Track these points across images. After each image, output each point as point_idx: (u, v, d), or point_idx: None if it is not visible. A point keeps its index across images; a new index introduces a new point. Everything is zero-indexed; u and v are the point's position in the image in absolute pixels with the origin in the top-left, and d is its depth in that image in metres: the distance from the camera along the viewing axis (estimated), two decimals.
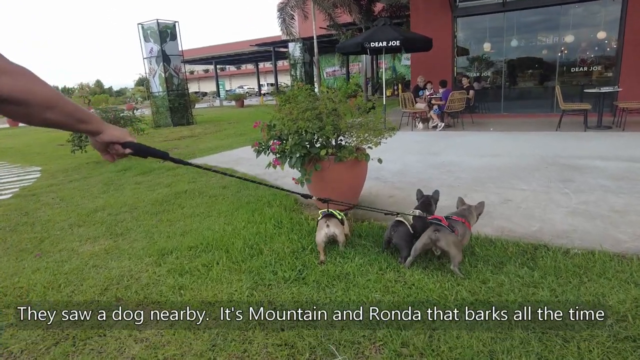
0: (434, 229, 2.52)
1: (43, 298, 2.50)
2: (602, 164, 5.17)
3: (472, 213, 2.87)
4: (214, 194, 4.90)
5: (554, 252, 2.78)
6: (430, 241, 2.51)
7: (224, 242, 3.18)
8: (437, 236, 2.48)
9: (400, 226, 2.76)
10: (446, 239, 2.47)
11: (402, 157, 6.18)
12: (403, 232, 2.73)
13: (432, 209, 3.08)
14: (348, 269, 2.61)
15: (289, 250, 2.94)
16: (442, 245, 2.48)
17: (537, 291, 2.27)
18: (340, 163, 3.65)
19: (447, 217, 2.67)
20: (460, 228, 2.60)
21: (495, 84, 11.98)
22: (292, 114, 3.65)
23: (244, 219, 3.75)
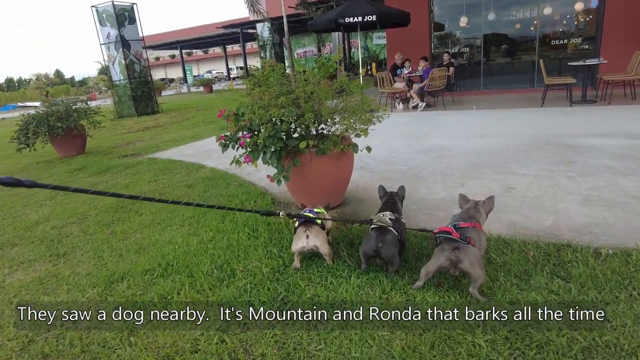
0: (452, 247, 1.98)
1: None
2: (599, 142, 4.82)
3: (480, 211, 2.36)
4: (178, 195, 4.28)
5: (582, 254, 2.35)
6: (450, 263, 1.97)
7: (187, 261, 2.60)
8: (458, 257, 1.94)
9: (387, 234, 2.21)
10: (469, 259, 1.95)
11: (387, 142, 5.67)
12: (392, 241, 2.20)
13: (399, 208, 2.56)
14: (343, 293, 2.09)
15: (268, 269, 2.39)
16: (465, 267, 1.95)
17: (582, 313, 1.82)
18: (324, 156, 3.10)
19: (454, 225, 2.15)
20: (474, 235, 2.09)
21: (473, 60, 11.57)
22: (263, 99, 3.05)
23: (212, 227, 3.16)
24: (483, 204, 2.40)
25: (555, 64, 10.19)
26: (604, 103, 7.50)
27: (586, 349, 1.60)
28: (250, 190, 4.10)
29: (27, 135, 7.01)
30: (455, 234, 2.04)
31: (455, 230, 2.07)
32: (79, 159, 7.09)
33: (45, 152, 7.81)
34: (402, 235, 2.32)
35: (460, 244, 1.99)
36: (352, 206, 3.52)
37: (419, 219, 3.08)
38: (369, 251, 2.20)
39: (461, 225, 2.14)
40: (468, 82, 11.27)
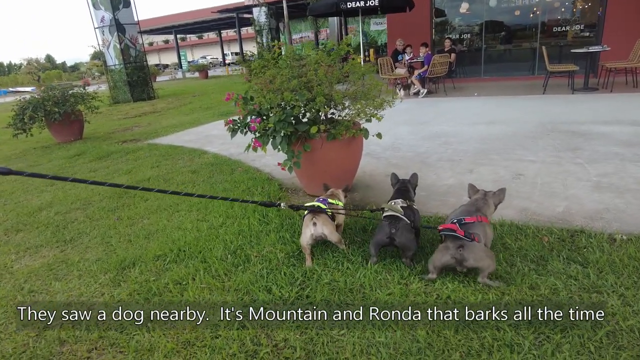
0: (457, 245, 1.95)
1: None
2: (606, 129, 4.81)
3: (489, 202, 2.29)
4: (183, 180, 4.23)
5: (597, 240, 2.34)
6: (455, 261, 1.95)
7: (199, 247, 2.57)
8: (462, 256, 1.93)
9: (400, 220, 2.17)
10: (474, 255, 1.93)
11: (391, 128, 5.62)
12: (406, 227, 2.16)
13: (412, 196, 2.51)
14: (361, 278, 2.08)
15: (283, 255, 2.37)
16: (471, 264, 1.94)
17: (603, 298, 1.82)
18: (334, 141, 3.06)
19: (459, 220, 2.09)
20: (479, 230, 2.04)
21: (473, 46, 11.48)
22: (274, 82, 2.99)
23: (221, 213, 3.13)
24: (493, 195, 2.34)
25: (556, 51, 10.14)
26: (606, 91, 7.48)
27: (610, 333, 1.60)
28: (256, 177, 4.06)
29: (24, 121, 6.87)
30: (460, 232, 1.99)
31: (459, 227, 2.03)
32: (77, 145, 6.98)
33: (42, 137, 7.69)
34: (415, 222, 2.29)
35: (464, 242, 1.96)
36: (360, 192, 3.49)
37: (430, 206, 3.06)
38: (382, 239, 2.15)
39: (466, 220, 2.08)
40: (468, 69, 11.20)
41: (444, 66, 8.84)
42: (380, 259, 2.24)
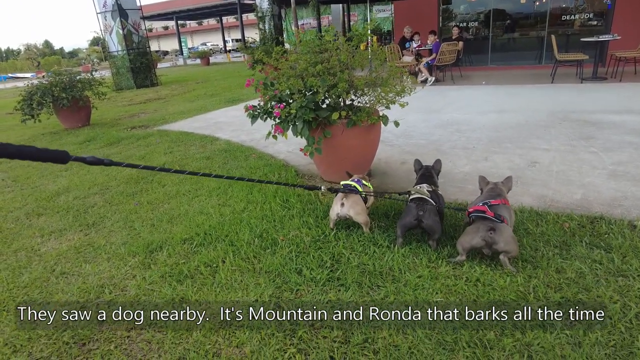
0: (487, 228, 1.99)
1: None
2: (617, 119, 4.83)
3: (503, 190, 2.36)
4: (198, 166, 4.25)
5: (617, 226, 2.39)
6: (485, 244, 1.99)
7: (225, 230, 2.61)
8: (493, 239, 1.96)
9: (427, 203, 2.22)
10: (505, 239, 1.97)
11: (402, 116, 5.59)
12: (432, 210, 2.20)
13: (435, 181, 2.57)
14: (390, 262, 2.12)
15: (309, 239, 2.41)
16: (500, 247, 1.98)
17: (629, 282, 1.87)
18: (354, 128, 3.08)
19: (486, 203, 2.14)
20: (505, 213, 2.11)
21: (480, 35, 11.40)
22: (296, 68, 3.00)
23: (242, 198, 3.16)
24: (502, 184, 2.41)
25: (563, 40, 10.08)
26: (615, 80, 7.47)
27: (639, 314, 1.65)
28: (271, 163, 4.09)
29: (32, 106, 6.86)
30: (490, 213, 2.04)
31: (489, 209, 2.07)
32: (85, 131, 6.98)
33: (49, 123, 7.68)
34: (440, 206, 2.33)
35: (495, 224, 2.00)
36: (377, 179, 3.52)
37: (448, 192, 3.09)
38: (410, 221, 2.19)
39: (492, 203, 2.14)
40: (475, 57, 11.14)
41: (452, 54, 8.81)
42: (405, 243, 2.29)
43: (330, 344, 1.61)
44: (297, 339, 1.65)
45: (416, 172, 2.69)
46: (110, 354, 1.69)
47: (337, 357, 1.56)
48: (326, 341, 1.62)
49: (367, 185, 2.56)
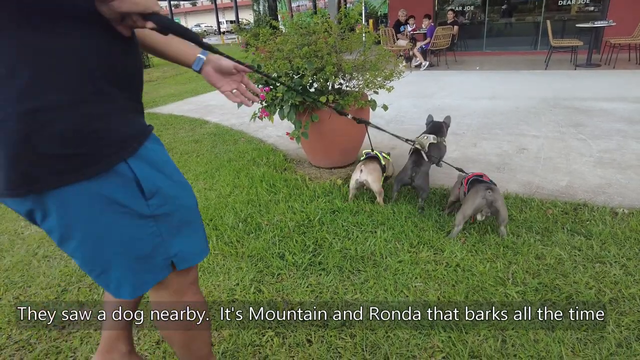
0: (485, 187, 2.14)
1: None
2: (608, 106, 4.82)
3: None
4: (186, 150, 4.21)
5: (599, 213, 2.41)
6: (486, 202, 2.10)
7: (210, 215, 2.60)
8: (493, 196, 2.11)
9: (421, 164, 2.52)
10: (501, 199, 2.14)
11: (394, 101, 5.55)
12: (425, 172, 2.53)
13: (443, 132, 2.89)
14: (372, 247, 2.13)
15: (293, 224, 2.41)
16: (498, 205, 2.11)
17: (606, 268, 1.89)
18: None
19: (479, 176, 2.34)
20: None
21: (475, 19, 11.27)
22: (282, 50, 2.95)
23: (229, 183, 3.15)
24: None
25: (559, 25, 9.99)
26: (609, 67, 7.45)
27: (613, 300, 1.68)
28: (260, 147, 4.06)
29: None
30: (487, 177, 2.28)
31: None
32: None
33: None
34: (441, 157, 2.74)
35: (491, 185, 2.21)
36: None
37: (435, 178, 3.09)
38: (404, 179, 2.52)
39: (476, 174, 2.37)
40: (470, 42, 11.03)
41: (447, 39, 8.71)
42: (390, 229, 2.30)
43: (307, 328, 1.63)
44: (275, 323, 1.66)
45: (427, 125, 3.00)
46: (89, 337, 1.69)
47: (315, 341, 1.57)
48: (304, 324, 1.64)
49: (386, 157, 2.79)
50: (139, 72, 0.95)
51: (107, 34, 0.84)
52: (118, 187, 0.87)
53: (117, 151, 0.86)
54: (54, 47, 0.77)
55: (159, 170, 0.93)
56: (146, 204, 0.91)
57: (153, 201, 0.91)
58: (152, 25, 0.86)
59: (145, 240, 0.93)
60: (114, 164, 0.85)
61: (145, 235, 0.93)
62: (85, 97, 0.81)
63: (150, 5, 0.84)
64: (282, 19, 4.38)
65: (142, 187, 0.89)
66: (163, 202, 0.93)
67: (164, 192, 0.93)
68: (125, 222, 0.90)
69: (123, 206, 0.88)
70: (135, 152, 0.89)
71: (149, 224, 0.93)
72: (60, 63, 0.77)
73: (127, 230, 0.91)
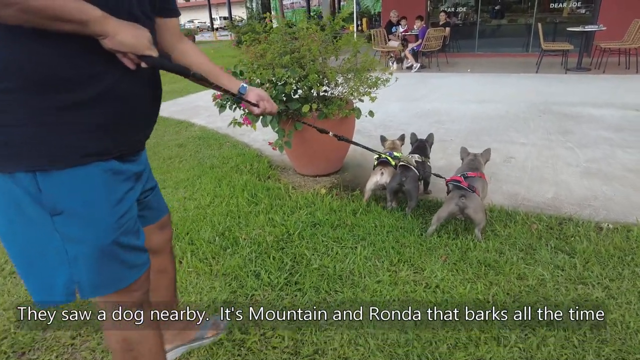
0: (459, 194, 2.23)
1: None
2: (597, 112, 4.80)
3: (481, 162, 2.66)
4: (169, 155, 4.12)
5: (584, 228, 2.37)
6: (458, 209, 2.22)
7: (187, 227, 2.52)
8: (464, 203, 2.20)
9: (409, 171, 2.56)
10: (474, 205, 2.21)
11: (383, 104, 5.45)
12: (414, 177, 2.57)
13: (428, 153, 2.94)
14: (351, 265, 2.07)
15: (272, 238, 2.34)
16: (469, 213, 2.21)
17: (588, 290, 1.85)
18: (326, 120, 2.98)
19: (463, 175, 2.40)
20: (479, 184, 2.38)
21: (468, 21, 11.24)
22: (265, 57, 2.87)
23: (209, 191, 3.07)
24: (481, 155, 2.71)
25: (551, 28, 9.99)
26: (599, 71, 7.45)
27: (594, 326, 1.63)
28: (245, 152, 3.98)
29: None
30: (464, 183, 2.29)
31: (464, 180, 2.33)
32: None
33: None
34: (426, 176, 2.81)
35: (466, 192, 2.24)
36: (351, 172, 3.46)
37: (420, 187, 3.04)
38: (394, 185, 2.55)
39: (469, 174, 2.40)
40: (462, 43, 11.00)
41: (439, 40, 8.67)
42: (370, 245, 2.24)
43: (279, 355, 1.56)
44: (245, 350, 1.59)
45: (412, 144, 3.02)
46: (87, 336, 1.63)
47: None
48: (275, 352, 1.57)
49: (397, 157, 2.73)
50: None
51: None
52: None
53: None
54: None
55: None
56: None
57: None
58: (145, 66, 0.98)
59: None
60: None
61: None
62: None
63: (140, 49, 0.94)
64: (274, 18, 4.28)
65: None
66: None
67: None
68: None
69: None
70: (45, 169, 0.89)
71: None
72: None
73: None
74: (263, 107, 1.40)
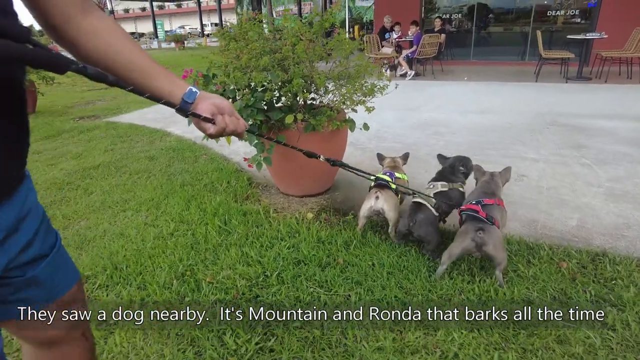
0: (476, 227, 1.83)
1: None
2: (608, 125, 4.44)
3: (498, 183, 2.20)
4: (138, 168, 3.64)
5: (624, 267, 1.96)
6: (474, 245, 1.81)
7: (140, 265, 2.04)
8: (482, 239, 1.80)
9: (420, 211, 2.09)
10: (494, 241, 1.81)
11: (377, 113, 5.05)
12: (426, 219, 2.07)
13: (453, 179, 2.36)
14: (343, 322, 1.61)
15: (244, 282, 1.87)
16: (489, 250, 1.80)
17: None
18: (314, 133, 2.54)
19: (478, 202, 1.98)
20: (497, 213, 1.95)
21: (463, 28, 10.95)
22: (241, 58, 2.42)
23: (175, 216, 2.59)
24: (499, 175, 2.25)
25: (547, 36, 9.73)
26: (600, 81, 7.14)
27: None
28: (222, 167, 3.51)
29: None
30: (482, 213, 1.89)
31: (481, 209, 1.92)
32: None
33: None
34: (454, 206, 2.24)
35: (485, 225, 1.84)
36: (342, 192, 3.01)
37: None
38: (402, 229, 2.13)
39: (485, 202, 1.98)
40: (457, 51, 10.71)
41: (434, 47, 8.32)
42: (367, 292, 1.78)
43: None
44: None
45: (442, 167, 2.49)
46: None
47: None
48: None
49: (400, 178, 2.41)
50: None
51: None
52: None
53: None
54: None
55: None
56: None
57: None
58: None
59: None
60: None
61: None
62: None
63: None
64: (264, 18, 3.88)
65: None
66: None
67: None
68: None
69: None
70: None
71: None
72: None
73: None
74: (222, 124, 0.90)
